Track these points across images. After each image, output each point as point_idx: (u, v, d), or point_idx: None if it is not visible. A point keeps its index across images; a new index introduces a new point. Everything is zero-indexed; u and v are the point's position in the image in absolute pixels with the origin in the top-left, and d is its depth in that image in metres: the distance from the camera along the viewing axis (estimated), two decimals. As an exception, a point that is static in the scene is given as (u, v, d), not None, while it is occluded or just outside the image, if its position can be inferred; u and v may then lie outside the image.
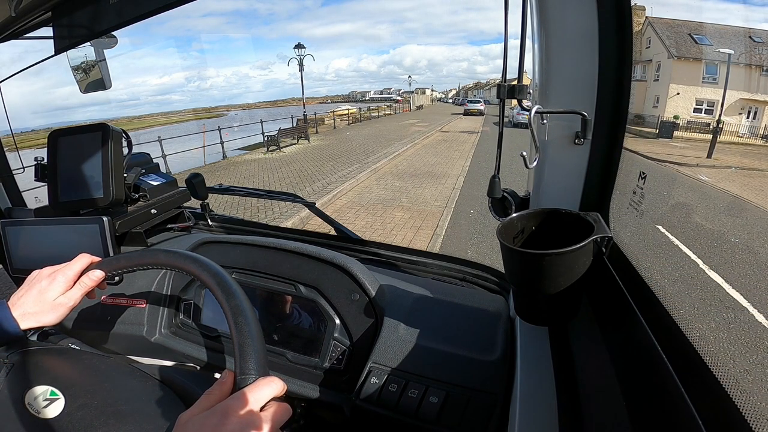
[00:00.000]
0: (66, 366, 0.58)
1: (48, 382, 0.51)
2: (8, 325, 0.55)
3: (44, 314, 0.58)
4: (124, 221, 1.09)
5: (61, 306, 0.59)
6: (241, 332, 0.47)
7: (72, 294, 0.60)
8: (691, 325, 0.38)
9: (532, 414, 0.52)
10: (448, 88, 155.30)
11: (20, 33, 1.12)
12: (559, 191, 0.66)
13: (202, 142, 11.34)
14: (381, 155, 10.27)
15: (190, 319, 0.93)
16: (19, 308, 0.57)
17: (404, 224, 5.11)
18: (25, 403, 0.48)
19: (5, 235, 1.05)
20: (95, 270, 0.62)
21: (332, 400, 0.77)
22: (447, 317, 0.78)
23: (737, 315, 0.73)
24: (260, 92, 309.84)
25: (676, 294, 0.56)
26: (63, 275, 0.60)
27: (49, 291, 0.59)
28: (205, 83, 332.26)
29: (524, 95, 0.54)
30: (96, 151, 1.03)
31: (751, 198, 0.88)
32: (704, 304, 0.85)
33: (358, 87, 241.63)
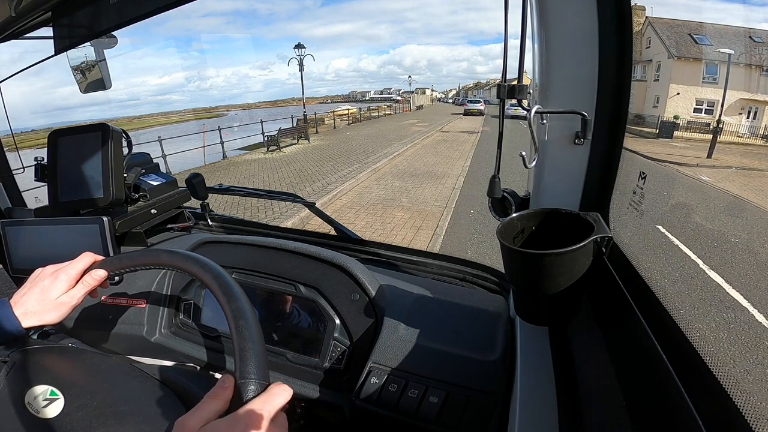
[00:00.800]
0: (66, 365, 0.58)
1: (48, 382, 0.51)
2: (9, 324, 0.55)
3: (46, 313, 0.57)
4: (124, 221, 1.09)
5: (64, 305, 0.59)
6: (241, 335, 0.47)
7: (74, 293, 0.60)
8: (691, 325, 0.38)
9: (532, 414, 0.52)
10: (448, 88, 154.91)
11: (20, 33, 1.12)
12: (559, 191, 0.66)
13: (201, 142, 11.34)
14: (381, 155, 10.27)
15: (190, 319, 0.93)
16: (21, 306, 0.56)
17: (404, 224, 5.11)
18: (25, 403, 0.48)
19: (5, 235, 1.05)
20: (98, 269, 0.62)
21: (332, 400, 0.77)
22: (447, 317, 0.78)
23: (737, 315, 0.73)
24: (260, 92, 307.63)
25: (676, 294, 0.57)
26: (66, 274, 0.60)
27: (51, 290, 0.58)
28: (205, 83, 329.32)
29: (524, 95, 0.54)
30: (96, 151, 1.03)
31: (751, 198, 0.88)
32: (704, 304, 0.85)
33: (358, 87, 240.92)
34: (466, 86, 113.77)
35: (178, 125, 28.31)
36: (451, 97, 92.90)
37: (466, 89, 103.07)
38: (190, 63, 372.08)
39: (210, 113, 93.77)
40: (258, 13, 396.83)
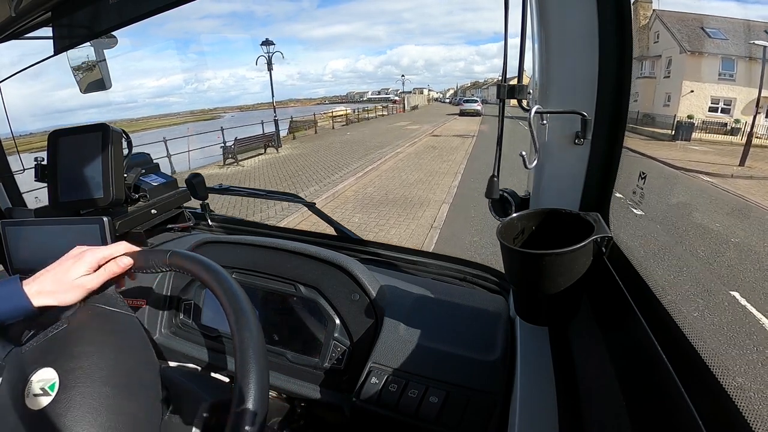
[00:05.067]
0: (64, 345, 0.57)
1: (47, 365, 0.50)
2: (18, 300, 0.53)
3: (62, 293, 0.55)
4: (125, 221, 1.09)
5: (81, 287, 0.56)
6: (245, 367, 0.46)
7: (95, 276, 0.58)
8: (691, 325, 0.38)
9: (532, 414, 0.52)
10: (446, 87, 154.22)
11: (20, 33, 1.12)
12: (559, 191, 0.66)
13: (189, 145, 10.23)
14: (350, 171, 8.27)
15: (191, 319, 0.93)
16: (36, 285, 0.54)
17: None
18: (25, 399, 0.48)
19: (5, 235, 1.05)
20: (123, 257, 0.60)
21: (332, 400, 0.77)
22: (447, 317, 0.78)
23: (737, 315, 0.73)
24: (258, 94, 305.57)
25: (676, 294, 0.56)
26: (92, 254, 0.58)
27: (72, 270, 0.56)
28: (203, 85, 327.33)
29: (524, 95, 0.54)
30: (96, 152, 1.03)
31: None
32: (704, 303, 0.85)
33: (356, 87, 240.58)
34: (464, 86, 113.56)
35: (174, 128, 27.71)
36: (448, 97, 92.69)
37: (464, 89, 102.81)
38: (188, 65, 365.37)
39: (208, 115, 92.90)
40: (255, 15, 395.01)
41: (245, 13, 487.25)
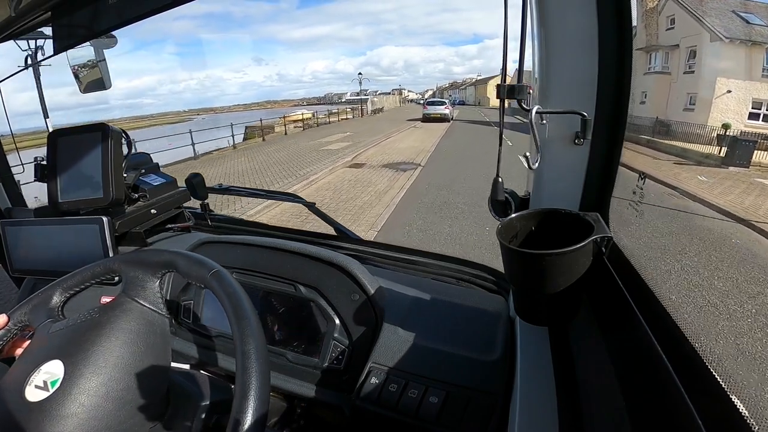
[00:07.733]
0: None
1: (59, 357, 0.50)
2: None
3: None
4: (124, 221, 1.09)
5: None
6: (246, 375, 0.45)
7: None
8: (691, 325, 0.38)
9: (532, 414, 0.52)
10: (425, 88, 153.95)
11: (20, 33, 1.12)
12: (559, 191, 0.66)
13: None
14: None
15: (190, 320, 0.93)
16: None
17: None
18: (25, 388, 0.48)
19: (5, 235, 1.05)
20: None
21: (332, 400, 0.77)
22: (447, 317, 0.78)
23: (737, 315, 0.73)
24: (236, 95, 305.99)
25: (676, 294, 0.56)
26: None
27: None
28: (178, 86, 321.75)
29: (524, 95, 0.54)
30: (96, 151, 1.03)
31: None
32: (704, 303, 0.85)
33: (335, 89, 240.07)
34: (442, 86, 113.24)
35: (145, 130, 26.58)
36: (427, 98, 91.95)
37: (442, 89, 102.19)
38: (163, 66, 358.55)
39: (180, 117, 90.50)
40: (233, 16, 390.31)
41: (222, 13, 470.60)
